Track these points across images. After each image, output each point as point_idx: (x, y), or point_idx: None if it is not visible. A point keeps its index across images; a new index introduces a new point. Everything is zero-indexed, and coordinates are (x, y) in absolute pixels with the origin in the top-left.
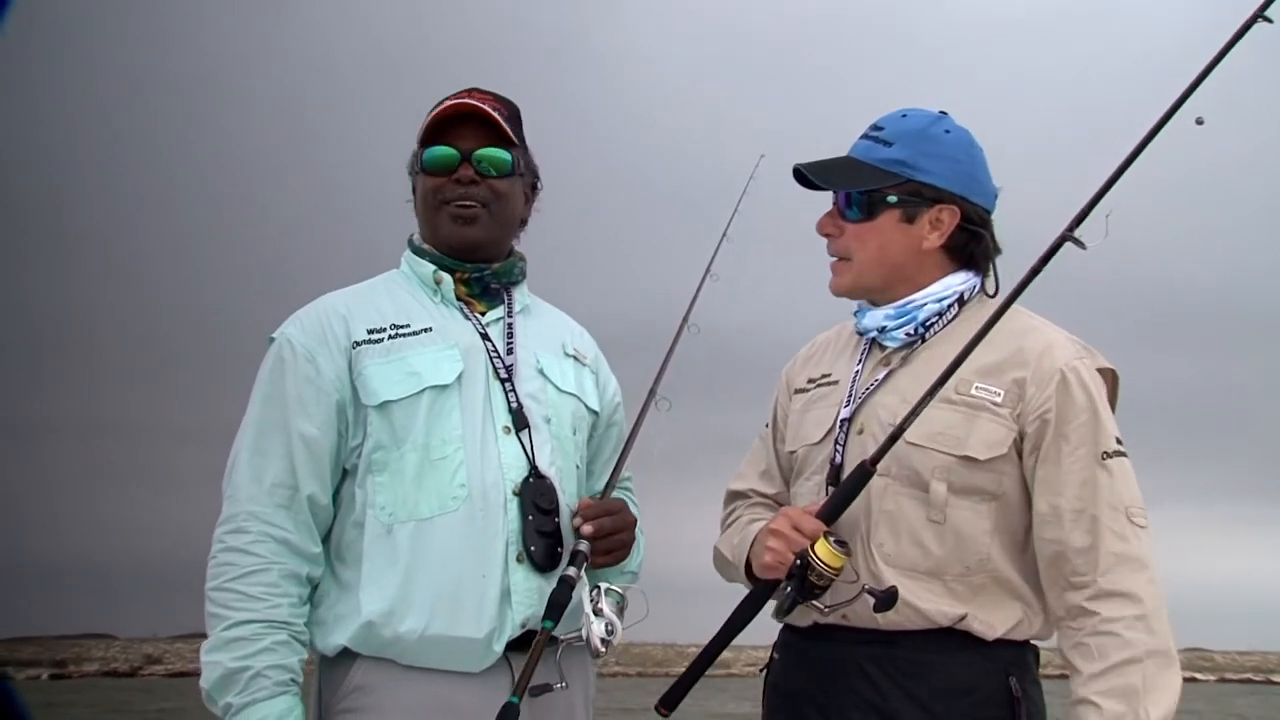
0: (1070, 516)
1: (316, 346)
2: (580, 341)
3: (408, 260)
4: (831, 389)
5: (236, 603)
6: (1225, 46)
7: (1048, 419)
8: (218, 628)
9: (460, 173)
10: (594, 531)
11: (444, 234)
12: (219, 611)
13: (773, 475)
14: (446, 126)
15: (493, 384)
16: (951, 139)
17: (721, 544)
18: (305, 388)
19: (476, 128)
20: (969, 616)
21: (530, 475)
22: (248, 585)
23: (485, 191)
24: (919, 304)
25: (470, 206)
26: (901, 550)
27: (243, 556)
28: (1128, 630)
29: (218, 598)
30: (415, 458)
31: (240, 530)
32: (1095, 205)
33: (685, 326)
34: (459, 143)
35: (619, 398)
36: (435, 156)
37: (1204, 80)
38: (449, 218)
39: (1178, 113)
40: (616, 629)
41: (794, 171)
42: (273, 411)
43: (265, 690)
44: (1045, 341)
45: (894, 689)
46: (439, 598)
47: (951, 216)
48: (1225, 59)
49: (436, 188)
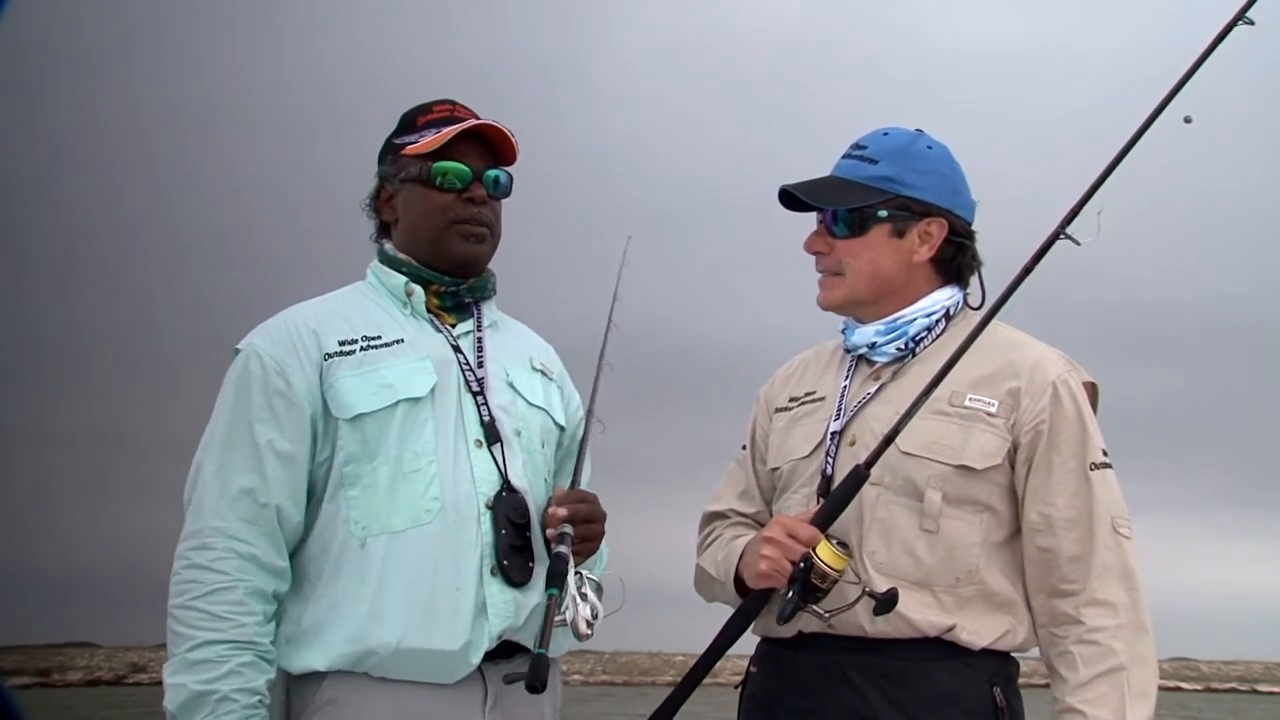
0: (1062, 525)
1: (286, 358)
2: (547, 357)
3: (376, 272)
4: (818, 405)
5: (201, 622)
6: (1209, 47)
7: (1041, 430)
8: (181, 648)
9: (474, 192)
10: (570, 515)
11: (455, 252)
12: (183, 631)
13: (752, 495)
14: (453, 141)
15: (465, 397)
16: (934, 154)
17: (704, 561)
18: (276, 400)
19: (479, 144)
20: (957, 627)
21: (503, 489)
22: (212, 604)
23: (490, 213)
24: (909, 319)
25: (482, 227)
26: (893, 559)
27: (207, 574)
28: (1112, 639)
29: (182, 616)
30: (388, 470)
31: (205, 546)
32: (1087, 202)
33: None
34: (469, 160)
35: (581, 412)
36: (451, 172)
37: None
38: (460, 236)
39: (1165, 110)
40: (599, 612)
41: (780, 193)
42: (240, 423)
43: (233, 714)
44: (1036, 355)
45: (879, 697)
46: (413, 611)
47: (940, 229)
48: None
49: (446, 205)
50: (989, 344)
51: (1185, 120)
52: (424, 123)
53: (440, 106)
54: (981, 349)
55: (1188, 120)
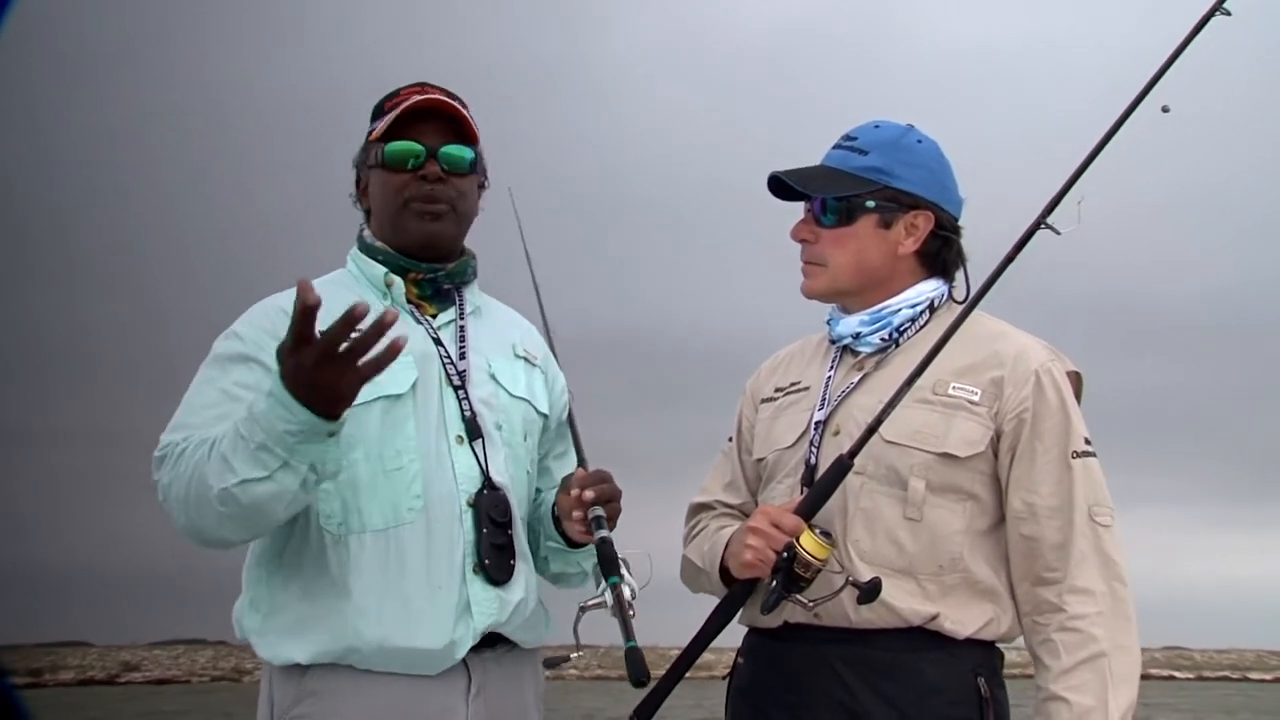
0: (1045, 513)
1: (266, 341)
2: (530, 341)
3: (356, 260)
4: (802, 395)
5: (197, 453)
6: (1187, 37)
7: (1024, 418)
8: (200, 468)
9: (427, 169)
10: (596, 497)
11: (410, 231)
12: (197, 473)
13: (738, 486)
14: (409, 121)
15: (446, 391)
16: (924, 148)
17: (690, 552)
18: (251, 369)
19: (438, 123)
20: (940, 616)
21: (484, 486)
22: (198, 447)
23: (450, 190)
24: (894, 309)
25: (438, 204)
26: (877, 548)
27: (181, 452)
28: (1093, 626)
29: (189, 477)
30: (367, 467)
31: (169, 446)
32: (1067, 192)
33: None
34: (423, 138)
35: (565, 395)
36: (399, 151)
37: (1168, 70)
38: (415, 215)
39: (1144, 101)
40: (635, 590)
41: (770, 179)
42: (210, 385)
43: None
44: (1019, 344)
45: (865, 688)
46: (395, 610)
47: (926, 222)
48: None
49: (401, 185)
50: (973, 334)
51: (1163, 110)
52: (389, 107)
53: (409, 90)
54: (965, 339)
55: (1165, 110)
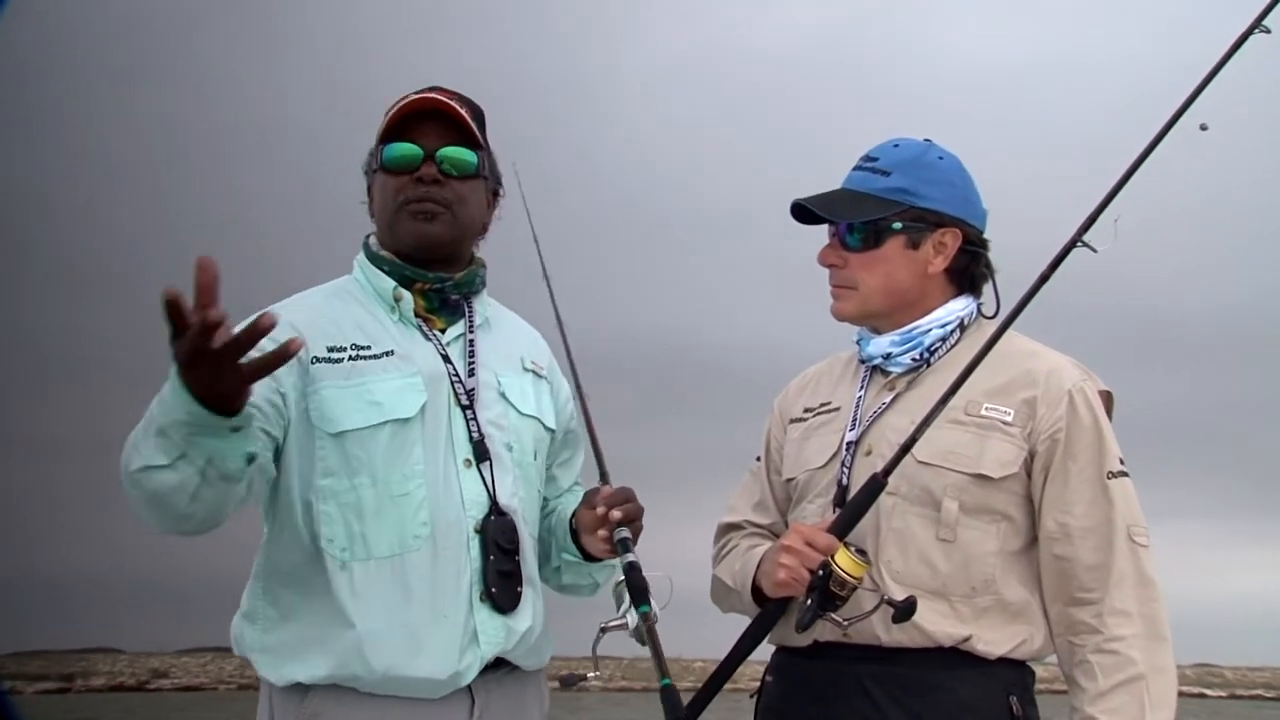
0: (1079, 534)
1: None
2: (537, 352)
3: (363, 268)
4: (833, 415)
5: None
6: (1226, 55)
7: (1058, 439)
8: (125, 449)
9: (423, 171)
10: (623, 517)
11: (404, 233)
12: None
13: (767, 506)
14: (409, 124)
15: (454, 412)
16: (945, 164)
17: (720, 571)
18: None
19: (440, 125)
20: (973, 638)
21: (491, 512)
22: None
23: (448, 193)
24: (924, 329)
25: (433, 205)
26: (910, 568)
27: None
28: (1131, 648)
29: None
30: (374, 492)
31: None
32: (1104, 210)
33: None
34: (422, 140)
35: (571, 403)
36: (396, 154)
37: (1206, 87)
38: (409, 216)
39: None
40: (658, 615)
41: (793, 206)
42: None
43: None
44: (1051, 363)
45: (894, 706)
46: (400, 639)
47: (954, 239)
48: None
49: (398, 188)
50: (1004, 353)
51: (1201, 128)
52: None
53: (423, 92)
54: (996, 358)
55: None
